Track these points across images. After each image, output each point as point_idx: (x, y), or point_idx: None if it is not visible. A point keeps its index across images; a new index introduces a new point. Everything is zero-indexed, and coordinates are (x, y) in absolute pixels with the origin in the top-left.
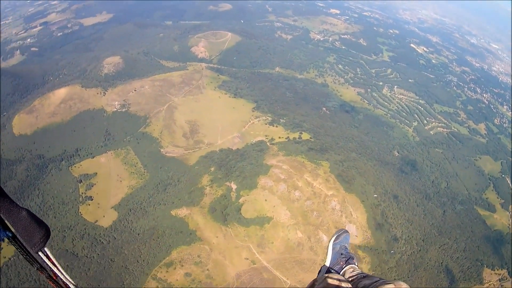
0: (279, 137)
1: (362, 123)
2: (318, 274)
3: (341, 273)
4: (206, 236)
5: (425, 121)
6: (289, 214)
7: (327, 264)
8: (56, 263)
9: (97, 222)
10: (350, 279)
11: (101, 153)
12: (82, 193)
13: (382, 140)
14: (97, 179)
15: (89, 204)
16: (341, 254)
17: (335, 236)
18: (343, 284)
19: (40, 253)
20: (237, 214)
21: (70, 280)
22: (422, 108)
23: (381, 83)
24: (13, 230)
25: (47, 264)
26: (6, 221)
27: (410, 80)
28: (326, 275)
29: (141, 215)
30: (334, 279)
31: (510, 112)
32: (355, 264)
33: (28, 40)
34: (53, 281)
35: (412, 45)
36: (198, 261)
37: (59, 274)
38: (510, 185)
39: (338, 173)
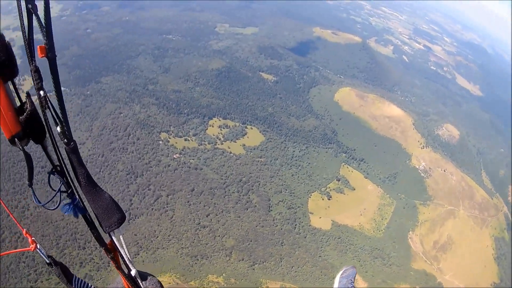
0: None
1: None
2: None
3: None
4: None
5: None
6: None
7: None
8: (124, 246)
9: (311, 214)
10: None
11: (373, 182)
12: (329, 187)
13: None
14: (349, 193)
15: (323, 199)
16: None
17: (342, 271)
18: None
19: (112, 235)
20: None
21: (133, 264)
22: None
23: None
24: (92, 209)
25: (115, 246)
26: (88, 202)
27: None
28: None
29: (339, 249)
30: None
31: None
32: None
33: (404, 44)
34: (116, 263)
35: None
36: None
37: (125, 257)
38: None
39: None
